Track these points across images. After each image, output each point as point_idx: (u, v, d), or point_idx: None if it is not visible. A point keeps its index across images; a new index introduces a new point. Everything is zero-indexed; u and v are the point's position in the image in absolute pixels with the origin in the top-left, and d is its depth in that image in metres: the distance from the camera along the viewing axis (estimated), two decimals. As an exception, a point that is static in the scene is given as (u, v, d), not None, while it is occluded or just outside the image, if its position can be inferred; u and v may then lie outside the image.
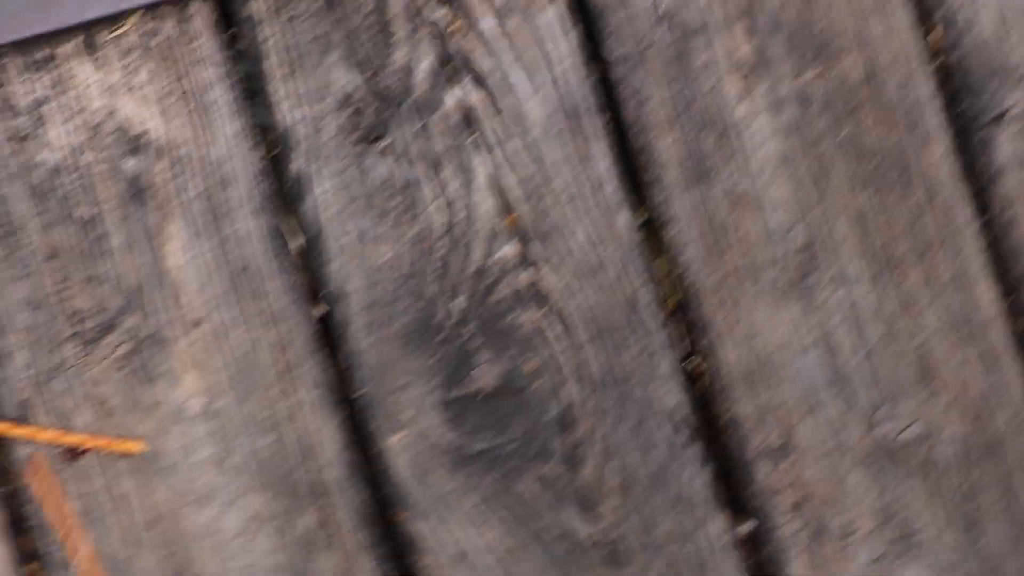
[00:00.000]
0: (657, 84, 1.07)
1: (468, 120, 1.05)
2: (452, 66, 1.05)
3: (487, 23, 1.05)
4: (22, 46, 1.01)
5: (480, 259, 1.05)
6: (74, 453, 1.02)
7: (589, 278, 1.06)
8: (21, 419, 1.02)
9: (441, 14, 1.05)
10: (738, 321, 1.07)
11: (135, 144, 1.03)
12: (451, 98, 1.05)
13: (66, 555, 1.02)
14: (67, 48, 1.02)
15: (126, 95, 1.02)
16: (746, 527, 1.09)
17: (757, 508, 1.08)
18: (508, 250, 1.06)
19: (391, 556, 1.06)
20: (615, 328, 1.07)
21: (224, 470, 1.03)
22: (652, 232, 1.08)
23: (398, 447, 1.05)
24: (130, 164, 1.03)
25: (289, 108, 1.04)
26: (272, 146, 1.05)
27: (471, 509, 1.05)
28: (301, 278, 1.04)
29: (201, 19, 1.03)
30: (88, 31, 1.02)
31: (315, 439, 1.04)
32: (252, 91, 1.05)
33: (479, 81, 1.05)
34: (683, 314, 1.08)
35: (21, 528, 1.02)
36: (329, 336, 1.05)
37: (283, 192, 1.05)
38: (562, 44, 1.06)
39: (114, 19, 1.02)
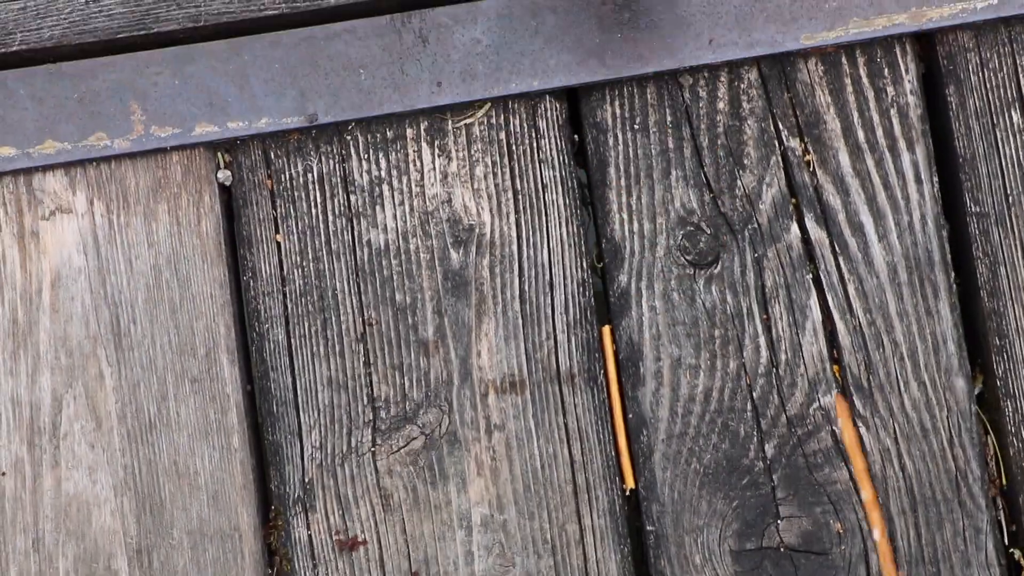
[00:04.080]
0: (1017, 245, 1.00)
1: (809, 256, 1.00)
2: (799, 199, 1.00)
3: (841, 160, 1.00)
4: (368, 124, 1.00)
5: (799, 405, 0.99)
6: (352, 544, 0.98)
7: (915, 443, 0.99)
8: (304, 499, 0.99)
9: (795, 144, 1.01)
10: (1071, 517, 0.98)
11: (465, 236, 1.01)
12: (794, 231, 1.00)
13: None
14: (412, 131, 1.01)
15: (463, 185, 1.01)
16: None
17: None
18: (830, 400, 0.99)
19: None
20: (936, 500, 0.98)
21: (498, 588, 0.98)
22: (986, 405, 1.00)
23: (682, 594, 0.98)
24: (456, 256, 1.01)
25: (625, 220, 1.00)
26: (599, 257, 1.01)
27: (751, 675, 0.98)
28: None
29: (550, 118, 1.01)
30: (435, 117, 1.01)
31: (597, 570, 0.98)
32: (587, 199, 1.02)
33: (825, 218, 1.00)
34: (1007, 499, 0.99)
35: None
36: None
37: (604, 305, 1.01)
38: (918, 191, 1.00)
39: (465, 107, 1.01)
